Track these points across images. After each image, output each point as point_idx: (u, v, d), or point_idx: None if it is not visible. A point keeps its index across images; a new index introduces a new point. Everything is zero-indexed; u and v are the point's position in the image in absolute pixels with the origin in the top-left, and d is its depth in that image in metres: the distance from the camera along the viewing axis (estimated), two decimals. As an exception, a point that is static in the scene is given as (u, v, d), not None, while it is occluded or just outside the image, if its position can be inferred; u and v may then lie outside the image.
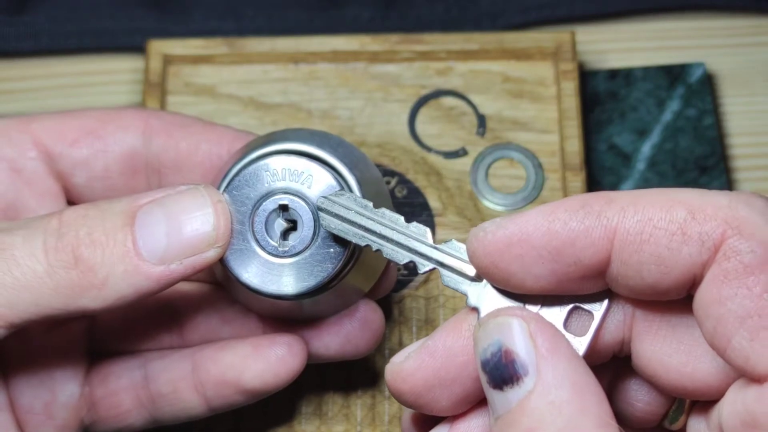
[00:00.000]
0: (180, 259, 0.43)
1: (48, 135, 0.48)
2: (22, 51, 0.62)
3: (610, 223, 0.37)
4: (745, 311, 0.36)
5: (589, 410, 0.36)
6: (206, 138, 0.48)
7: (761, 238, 0.36)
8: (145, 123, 0.48)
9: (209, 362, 0.47)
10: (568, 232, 0.37)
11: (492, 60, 0.59)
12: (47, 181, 0.48)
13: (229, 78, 0.59)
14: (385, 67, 0.59)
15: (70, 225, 0.42)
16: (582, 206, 0.37)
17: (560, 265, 0.38)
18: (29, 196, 0.47)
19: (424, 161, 0.57)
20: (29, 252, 0.42)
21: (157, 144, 0.48)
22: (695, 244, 0.36)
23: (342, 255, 0.44)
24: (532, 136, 0.57)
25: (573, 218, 0.37)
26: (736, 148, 0.61)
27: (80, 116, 0.48)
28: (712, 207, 0.37)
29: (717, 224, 0.36)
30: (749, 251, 0.36)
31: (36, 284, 0.42)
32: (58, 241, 0.42)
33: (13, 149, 0.47)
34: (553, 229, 0.37)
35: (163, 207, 0.43)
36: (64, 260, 0.42)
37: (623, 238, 0.37)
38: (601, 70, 0.61)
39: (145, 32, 0.61)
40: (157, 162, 0.48)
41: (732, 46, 0.63)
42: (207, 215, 0.43)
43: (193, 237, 0.43)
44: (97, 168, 0.48)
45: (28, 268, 0.42)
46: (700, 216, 0.37)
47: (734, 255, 0.36)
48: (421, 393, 0.40)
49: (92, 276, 0.42)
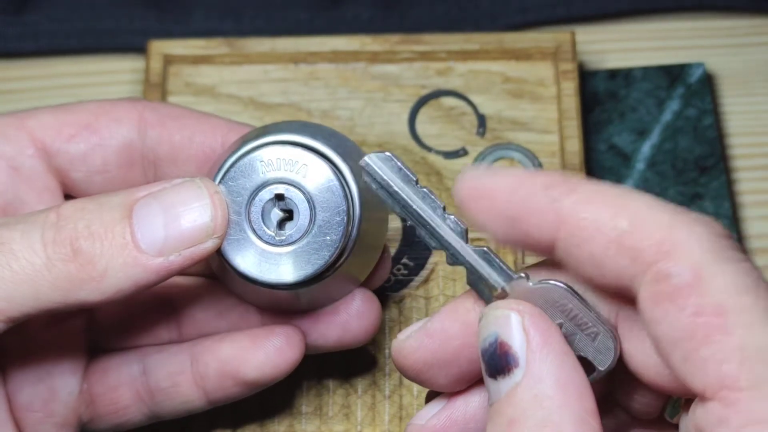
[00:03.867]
0: (178, 251, 0.43)
1: (45, 131, 0.48)
2: (22, 51, 0.63)
3: (559, 213, 0.38)
4: (676, 334, 0.36)
5: (570, 406, 0.37)
6: (200, 130, 0.48)
7: (691, 263, 0.36)
8: (139, 115, 0.48)
9: (208, 355, 0.48)
10: (524, 207, 0.38)
11: (492, 60, 0.59)
12: (45, 178, 0.48)
13: (229, 78, 0.59)
14: (385, 67, 0.59)
15: (68, 218, 0.42)
16: (546, 187, 0.38)
17: (515, 231, 0.39)
18: (28, 193, 0.47)
19: (424, 161, 0.57)
20: (28, 245, 0.42)
21: (152, 136, 0.48)
22: (628, 257, 0.37)
23: (338, 243, 0.44)
24: (532, 136, 0.57)
25: (533, 196, 0.38)
26: (736, 148, 0.61)
27: (75, 110, 0.48)
28: (652, 224, 0.37)
29: (651, 243, 0.36)
30: (677, 275, 0.36)
31: (35, 277, 0.42)
32: (56, 234, 0.42)
33: (11, 147, 0.47)
34: (514, 199, 0.38)
35: (161, 199, 0.43)
36: (63, 253, 0.42)
37: (568, 231, 0.38)
38: (600, 71, 0.61)
39: (145, 32, 0.61)
40: (152, 154, 0.48)
41: (732, 47, 0.63)
42: (204, 206, 0.43)
43: (191, 228, 0.43)
44: (95, 162, 0.48)
45: (27, 262, 0.42)
46: (638, 230, 0.37)
47: (664, 278, 0.36)
48: (421, 370, 0.41)
49: (91, 268, 0.42)
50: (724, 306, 0.35)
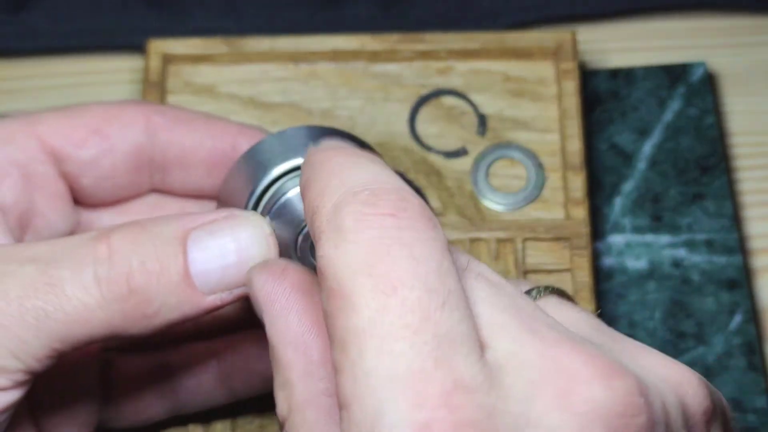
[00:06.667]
0: (230, 290, 0.42)
1: (55, 137, 0.47)
2: (21, 50, 0.62)
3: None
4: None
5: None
6: (210, 134, 0.48)
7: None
8: (147, 119, 0.48)
9: (233, 354, 0.47)
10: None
11: (493, 59, 0.59)
12: (57, 184, 0.47)
13: (229, 77, 0.59)
14: (385, 66, 0.59)
15: (120, 253, 0.41)
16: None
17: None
18: (40, 200, 0.47)
19: (424, 161, 0.57)
20: (80, 286, 0.41)
21: (161, 141, 0.48)
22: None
23: None
24: (533, 135, 0.57)
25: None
26: (737, 147, 0.61)
27: (83, 114, 0.48)
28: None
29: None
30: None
31: (88, 317, 0.41)
32: (110, 271, 0.41)
33: (23, 154, 0.47)
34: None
35: (216, 235, 0.42)
36: (118, 292, 0.41)
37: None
38: (602, 70, 0.61)
39: (144, 31, 0.61)
40: (161, 159, 0.48)
41: (733, 46, 0.63)
42: (260, 249, 0.42)
43: (246, 269, 0.42)
44: (104, 168, 0.47)
45: (79, 302, 0.41)
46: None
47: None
48: None
49: (146, 306, 0.41)
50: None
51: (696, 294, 0.56)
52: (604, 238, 0.57)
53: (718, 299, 0.56)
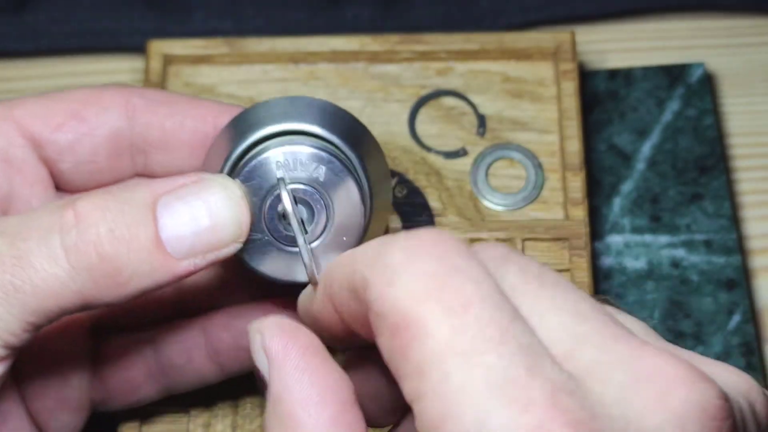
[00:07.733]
0: (203, 254, 0.42)
1: (32, 121, 0.46)
2: (21, 51, 0.62)
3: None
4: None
5: (315, 418, 0.36)
6: (191, 114, 0.47)
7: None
8: (126, 101, 0.47)
9: (221, 330, 0.47)
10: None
11: (492, 60, 0.59)
12: (37, 169, 0.47)
13: (229, 78, 0.59)
14: (385, 67, 0.59)
15: (88, 220, 0.41)
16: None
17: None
18: (21, 185, 0.46)
19: (424, 161, 0.57)
20: (48, 256, 0.40)
21: (142, 123, 0.47)
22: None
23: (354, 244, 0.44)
24: (532, 136, 0.57)
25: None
26: (737, 148, 0.61)
27: (62, 98, 0.47)
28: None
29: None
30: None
31: (58, 288, 0.40)
32: (78, 239, 0.40)
33: (1, 139, 0.46)
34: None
35: (185, 200, 0.42)
36: (87, 261, 0.40)
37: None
38: (601, 70, 0.61)
39: (145, 32, 0.61)
40: (142, 141, 0.47)
41: (732, 46, 0.63)
42: (232, 211, 0.42)
43: (219, 233, 0.42)
44: (83, 152, 0.47)
45: (48, 273, 0.40)
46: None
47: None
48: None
49: (117, 274, 0.41)
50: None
51: (695, 294, 0.56)
52: (603, 239, 0.57)
53: (716, 299, 0.56)
